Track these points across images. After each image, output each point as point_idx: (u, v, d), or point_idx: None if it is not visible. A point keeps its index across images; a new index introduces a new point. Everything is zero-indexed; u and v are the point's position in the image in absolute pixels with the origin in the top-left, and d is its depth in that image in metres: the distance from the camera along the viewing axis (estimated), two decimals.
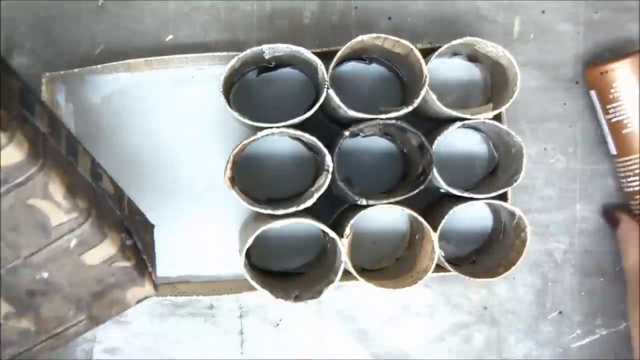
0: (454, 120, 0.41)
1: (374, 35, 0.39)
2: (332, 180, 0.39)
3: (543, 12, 0.46)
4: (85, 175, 0.33)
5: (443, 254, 0.41)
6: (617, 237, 0.45)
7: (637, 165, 0.43)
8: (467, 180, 0.46)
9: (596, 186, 0.47)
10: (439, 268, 0.42)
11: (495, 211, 0.46)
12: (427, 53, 0.40)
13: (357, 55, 0.44)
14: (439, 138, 0.40)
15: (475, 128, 0.45)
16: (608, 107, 0.43)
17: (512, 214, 0.42)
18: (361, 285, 0.40)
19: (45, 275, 0.31)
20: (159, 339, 0.46)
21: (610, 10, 0.46)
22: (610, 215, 0.46)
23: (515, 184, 0.40)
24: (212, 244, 0.45)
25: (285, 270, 0.45)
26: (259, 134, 0.39)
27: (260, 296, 0.40)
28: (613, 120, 0.43)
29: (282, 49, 0.39)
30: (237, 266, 0.39)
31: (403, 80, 0.44)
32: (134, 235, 0.34)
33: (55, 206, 0.29)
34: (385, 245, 0.46)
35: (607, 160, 0.46)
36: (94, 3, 0.45)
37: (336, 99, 0.38)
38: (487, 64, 0.44)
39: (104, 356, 0.46)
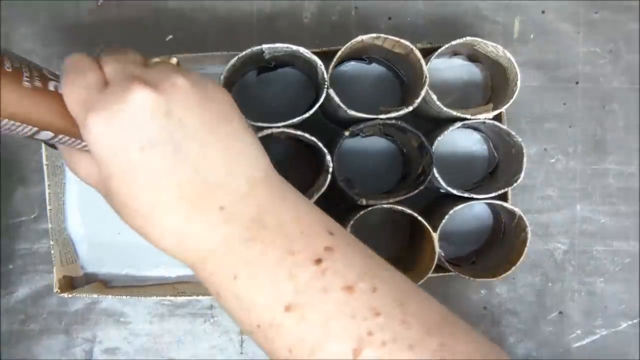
0: (454, 120, 0.41)
1: (374, 35, 0.39)
2: (332, 180, 0.39)
3: (543, 12, 0.46)
4: None
5: (443, 254, 0.41)
6: None
7: None
8: (467, 180, 0.46)
9: (596, 186, 0.47)
10: (439, 268, 0.42)
11: (495, 211, 0.46)
12: (427, 53, 0.40)
13: (357, 55, 0.44)
14: (439, 138, 0.40)
15: (475, 128, 0.45)
16: None
17: (512, 214, 0.41)
18: None
19: None
20: (159, 339, 0.46)
21: (610, 10, 0.46)
22: None
23: (515, 184, 0.40)
24: None
25: None
26: (259, 134, 0.39)
27: None
28: None
29: (282, 49, 0.39)
30: None
31: (403, 80, 0.44)
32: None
33: None
34: (385, 245, 0.46)
35: (607, 160, 0.46)
36: (94, 3, 0.45)
37: (336, 99, 0.38)
38: (487, 64, 0.44)
39: (104, 356, 0.46)
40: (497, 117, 0.42)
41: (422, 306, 0.25)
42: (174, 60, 0.31)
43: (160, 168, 0.25)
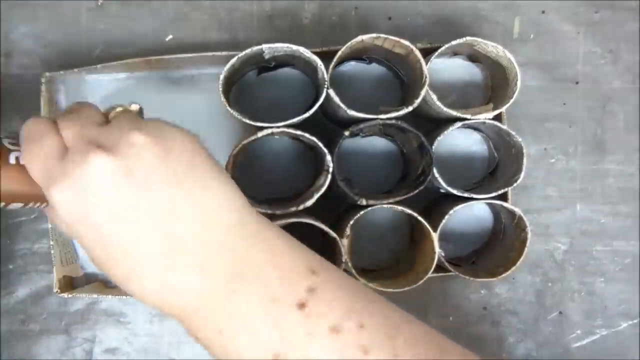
0: (454, 120, 0.41)
1: (374, 35, 0.39)
2: (332, 180, 0.39)
3: (543, 12, 0.46)
4: None
5: (443, 254, 0.41)
6: None
7: None
8: (467, 180, 0.46)
9: (596, 186, 0.47)
10: (439, 268, 0.42)
11: (495, 211, 0.46)
12: (427, 53, 0.40)
13: (357, 55, 0.44)
14: (439, 138, 0.40)
15: (475, 128, 0.45)
16: None
17: (512, 214, 0.41)
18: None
19: None
20: (159, 339, 0.46)
21: (610, 10, 0.46)
22: None
23: (515, 184, 0.40)
24: None
25: None
26: (259, 134, 0.39)
27: None
28: None
29: (282, 48, 0.39)
30: None
31: (403, 80, 0.44)
32: None
33: None
34: (385, 245, 0.46)
35: (607, 160, 0.46)
36: (94, 3, 0.45)
37: (336, 99, 0.38)
38: (487, 64, 0.44)
39: (104, 356, 0.46)
40: (497, 117, 0.42)
41: (414, 336, 0.25)
42: (134, 107, 0.30)
43: (130, 233, 0.24)
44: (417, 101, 0.39)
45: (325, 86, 0.38)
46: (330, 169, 0.39)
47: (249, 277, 0.25)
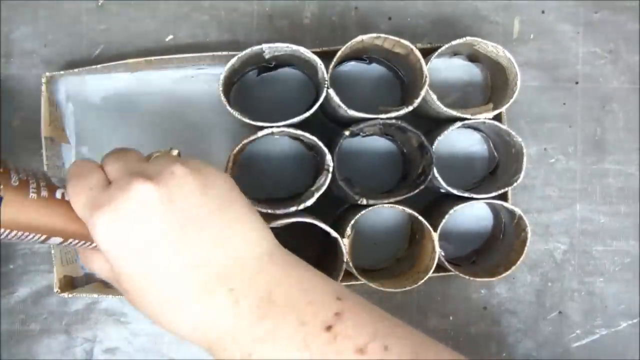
0: (454, 120, 0.41)
1: (374, 35, 0.39)
2: (332, 180, 0.39)
3: (543, 12, 0.46)
4: None
5: (443, 254, 0.41)
6: None
7: None
8: (467, 180, 0.46)
9: (596, 186, 0.47)
10: (439, 268, 0.42)
11: (495, 211, 0.46)
12: (427, 53, 0.40)
13: (357, 55, 0.44)
14: (439, 138, 0.40)
15: (475, 128, 0.45)
16: None
17: (512, 214, 0.42)
18: (362, 286, 0.40)
19: None
20: (159, 339, 0.46)
21: (610, 10, 0.46)
22: None
23: (515, 184, 0.40)
24: None
25: None
26: (259, 134, 0.39)
27: None
28: None
29: (282, 48, 0.39)
30: None
31: (403, 80, 0.44)
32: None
33: None
34: (385, 245, 0.46)
35: (607, 160, 0.47)
36: (94, 3, 0.45)
37: (336, 99, 0.38)
38: (487, 64, 0.44)
39: (104, 356, 0.46)
40: (497, 117, 0.42)
41: (438, 357, 0.26)
42: (174, 152, 0.32)
43: (169, 257, 0.26)
44: (417, 101, 0.39)
45: (325, 86, 0.38)
46: (331, 169, 0.39)
47: (279, 303, 0.26)
